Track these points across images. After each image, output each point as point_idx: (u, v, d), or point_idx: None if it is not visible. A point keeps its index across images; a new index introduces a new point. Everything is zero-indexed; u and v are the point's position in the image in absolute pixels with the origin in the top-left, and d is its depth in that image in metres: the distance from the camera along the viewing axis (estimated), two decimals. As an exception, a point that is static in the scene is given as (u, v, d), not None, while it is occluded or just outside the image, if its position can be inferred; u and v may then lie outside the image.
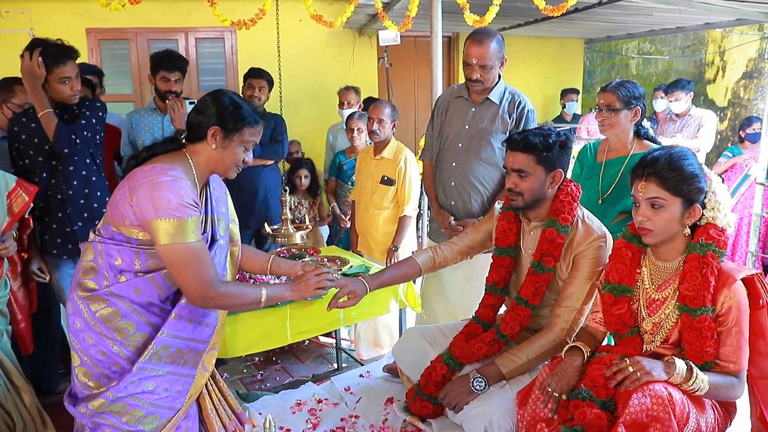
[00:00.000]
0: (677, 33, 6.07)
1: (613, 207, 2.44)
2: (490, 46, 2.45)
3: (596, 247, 1.91)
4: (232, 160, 1.69)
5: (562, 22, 5.29)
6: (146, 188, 1.54)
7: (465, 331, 2.05)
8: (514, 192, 1.95)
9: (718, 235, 1.60)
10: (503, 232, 2.05)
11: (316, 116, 5.49)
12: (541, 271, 1.92)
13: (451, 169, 2.65)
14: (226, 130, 1.66)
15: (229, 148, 1.68)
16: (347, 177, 3.84)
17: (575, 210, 1.94)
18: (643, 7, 4.41)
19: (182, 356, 1.69)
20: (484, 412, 1.76)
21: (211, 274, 1.60)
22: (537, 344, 1.90)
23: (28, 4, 4.83)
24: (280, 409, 2.09)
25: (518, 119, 2.58)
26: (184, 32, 5.24)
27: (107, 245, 1.61)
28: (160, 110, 3.20)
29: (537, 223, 2.01)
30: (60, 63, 2.34)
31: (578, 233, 1.93)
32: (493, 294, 2.07)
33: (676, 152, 1.63)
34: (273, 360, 3.35)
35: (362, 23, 5.40)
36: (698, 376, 1.52)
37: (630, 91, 2.39)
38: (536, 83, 6.83)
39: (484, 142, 2.58)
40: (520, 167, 1.92)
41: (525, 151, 1.91)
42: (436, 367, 1.94)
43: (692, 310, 1.57)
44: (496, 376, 1.86)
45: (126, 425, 1.63)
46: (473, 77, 2.50)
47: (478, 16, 3.49)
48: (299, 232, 2.94)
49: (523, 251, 2.05)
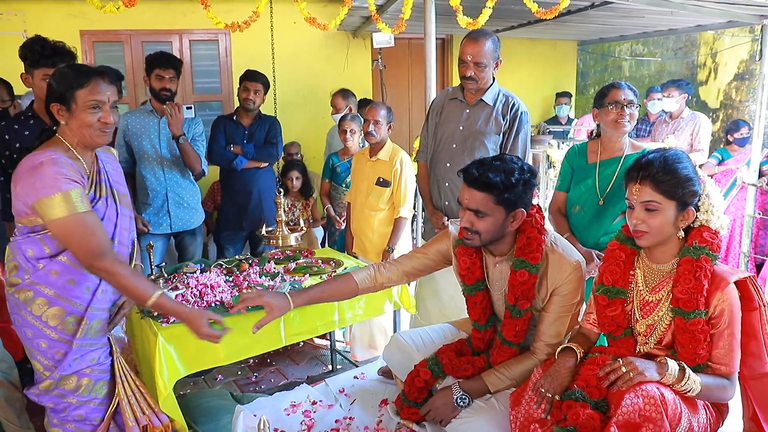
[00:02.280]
0: (669, 35, 6.11)
1: (614, 207, 2.44)
2: (485, 44, 2.47)
3: (576, 278, 1.80)
4: (87, 125, 1.71)
5: (555, 24, 5.32)
6: (26, 174, 1.64)
7: (455, 347, 1.99)
8: (470, 230, 1.78)
9: (711, 238, 1.61)
10: (467, 269, 1.90)
11: (310, 118, 5.50)
12: (518, 315, 1.81)
13: (446, 170, 2.67)
14: (63, 102, 1.70)
15: (77, 116, 1.71)
16: (341, 179, 3.85)
17: (543, 244, 1.79)
18: (635, 9, 4.44)
19: (105, 326, 1.85)
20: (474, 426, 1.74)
21: (98, 244, 1.67)
22: (523, 366, 1.84)
23: (21, 5, 4.81)
24: (274, 410, 2.08)
25: (512, 121, 2.60)
26: (178, 34, 5.23)
27: (19, 242, 1.72)
28: (156, 112, 3.20)
29: (501, 259, 1.87)
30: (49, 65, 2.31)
31: (551, 264, 1.80)
32: (479, 330, 1.96)
33: (671, 155, 1.63)
34: (267, 362, 3.35)
35: (356, 25, 5.40)
36: (690, 377, 1.53)
37: (635, 92, 2.43)
38: (530, 85, 6.85)
39: (478, 143, 2.60)
40: (476, 207, 1.74)
41: (483, 190, 1.73)
42: (420, 372, 1.90)
43: (686, 313, 1.58)
44: (481, 392, 1.82)
45: (80, 396, 1.78)
46: (467, 74, 2.52)
47: (471, 19, 3.50)
48: (294, 234, 2.94)
49: (490, 284, 1.92)
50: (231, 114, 3.70)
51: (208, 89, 5.45)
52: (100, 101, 1.72)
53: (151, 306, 1.75)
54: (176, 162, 3.18)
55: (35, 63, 2.32)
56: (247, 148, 3.54)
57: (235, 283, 2.43)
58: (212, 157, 3.50)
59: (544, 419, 1.61)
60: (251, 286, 2.38)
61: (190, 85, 5.34)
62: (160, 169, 3.16)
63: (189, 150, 3.10)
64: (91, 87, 1.71)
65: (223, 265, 2.67)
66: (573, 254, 1.83)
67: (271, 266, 2.63)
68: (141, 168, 3.13)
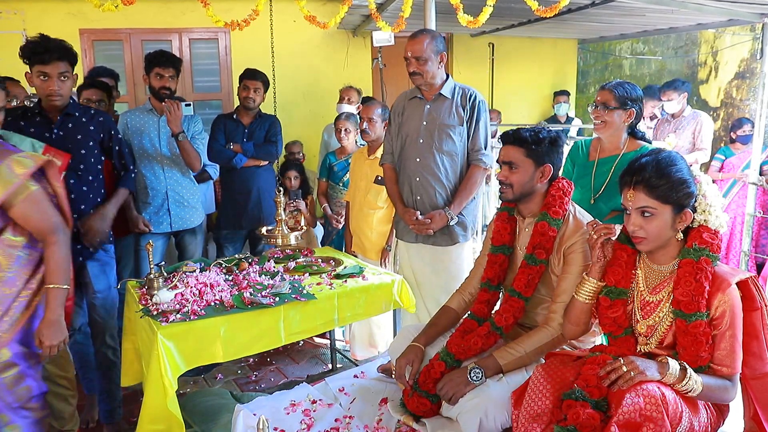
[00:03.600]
0: (670, 33, 6.10)
1: (605, 205, 2.46)
2: (424, 41, 2.61)
3: (586, 239, 1.91)
4: None
5: (555, 23, 5.31)
6: None
7: (461, 328, 2.07)
8: (505, 184, 2.02)
9: (711, 238, 1.60)
10: (498, 231, 2.11)
11: (310, 117, 5.49)
12: (533, 263, 1.95)
13: (416, 165, 2.73)
14: None
15: None
16: (338, 178, 3.85)
17: (566, 204, 1.99)
18: (636, 7, 4.43)
19: None
20: (479, 404, 1.76)
21: None
22: (534, 338, 1.92)
23: (20, 4, 4.80)
24: (273, 409, 2.08)
25: (471, 110, 2.70)
26: (177, 33, 5.23)
27: None
28: (156, 111, 3.19)
29: (531, 219, 2.05)
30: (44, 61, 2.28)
31: (569, 227, 1.97)
32: (488, 290, 2.10)
33: (664, 158, 1.62)
34: (267, 361, 3.35)
35: (356, 24, 5.39)
36: (691, 377, 1.52)
37: (627, 92, 2.41)
38: (530, 84, 6.85)
39: (444, 135, 2.69)
40: (510, 159, 1.99)
41: (515, 144, 2.00)
42: (434, 365, 1.95)
43: (687, 315, 1.57)
44: (494, 368, 1.88)
45: None
46: (411, 70, 2.65)
47: (471, 17, 3.50)
48: (293, 233, 2.94)
49: (518, 248, 2.09)
50: (231, 113, 3.69)
51: (207, 88, 5.45)
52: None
53: None
54: (176, 160, 3.17)
55: (30, 60, 2.30)
56: (247, 147, 3.54)
57: (235, 282, 2.43)
58: (212, 155, 3.49)
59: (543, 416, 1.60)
60: (251, 284, 2.37)
61: (189, 84, 5.33)
62: (160, 167, 3.15)
63: (188, 148, 3.09)
64: None
65: (223, 264, 2.66)
66: (589, 219, 1.98)
67: (271, 265, 2.63)
68: (141, 167, 3.12)
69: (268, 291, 2.30)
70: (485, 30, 5.91)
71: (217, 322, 2.08)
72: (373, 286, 2.49)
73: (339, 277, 2.54)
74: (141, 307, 2.17)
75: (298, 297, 2.27)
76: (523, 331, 2.02)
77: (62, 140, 2.41)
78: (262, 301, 2.18)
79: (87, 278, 2.48)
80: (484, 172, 2.74)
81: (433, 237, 2.72)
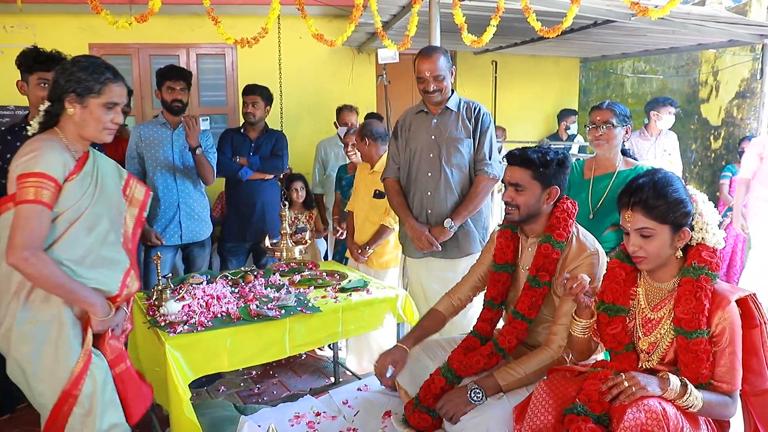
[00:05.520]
0: (671, 53, 6.17)
1: (604, 220, 2.51)
2: (439, 59, 2.64)
3: (588, 264, 1.94)
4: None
5: (557, 42, 5.38)
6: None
7: (463, 345, 2.08)
8: (511, 205, 2.01)
9: (710, 257, 1.63)
10: (501, 249, 2.11)
11: (315, 132, 5.54)
12: (537, 286, 1.95)
13: (428, 179, 2.75)
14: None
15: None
16: (346, 193, 3.89)
17: (570, 226, 1.99)
18: (638, 27, 4.50)
19: None
20: (480, 423, 1.78)
21: None
22: (535, 360, 1.93)
23: (32, 19, 4.89)
24: (278, 421, 2.09)
25: (476, 121, 2.73)
26: (185, 48, 5.31)
27: None
28: (169, 124, 3.24)
29: (534, 240, 2.06)
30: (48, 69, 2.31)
31: (572, 250, 1.98)
32: (491, 309, 2.10)
33: (660, 179, 1.65)
34: (270, 374, 3.36)
35: (361, 41, 5.47)
36: (692, 393, 1.54)
37: (622, 110, 2.53)
38: (532, 102, 6.91)
39: (452, 149, 2.71)
40: (516, 181, 1.98)
41: (522, 165, 1.98)
42: (434, 380, 1.96)
43: (688, 332, 1.59)
44: (494, 388, 1.89)
45: None
46: (430, 89, 2.66)
47: (475, 36, 3.56)
48: (298, 247, 2.97)
49: (520, 267, 2.09)
50: (239, 127, 3.74)
51: (214, 102, 5.51)
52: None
53: None
54: (188, 173, 3.22)
55: (30, 68, 2.32)
56: (253, 160, 3.59)
57: (241, 294, 2.46)
58: (218, 168, 3.54)
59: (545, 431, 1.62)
60: (257, 297, 2.40)
61: (196, 98, 5.40)
62: (172, 180, 3.20)
63: (204, 161, 3.15)
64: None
65: (229, 276, 2.69)
66: (594, 244, 2.01)
67: (277, 278, 2.66)
68: (153, 179, 3.16)
69: (274, 303, 2.33)
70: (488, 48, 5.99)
71: (224, 334, 2.11)
72: (377, 300, 2.52)
73: (344, 290, 2.56)
74: (148, 318, 2.20)
75: (304, 309, 2.29)
76: (525, 348, 2.04)
77: None
78: (268, 313, 2.21)
79: None
80: (491, 182, 2.73)
81: (443, 250, 2.72)
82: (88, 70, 1.72)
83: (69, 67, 1.73)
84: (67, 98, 1.71)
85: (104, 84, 1.73)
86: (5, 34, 4.87)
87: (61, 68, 1.74)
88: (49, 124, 1.76)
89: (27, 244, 1.58)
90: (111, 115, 1.77)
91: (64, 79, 1.71)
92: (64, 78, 1.72)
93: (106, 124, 1.77)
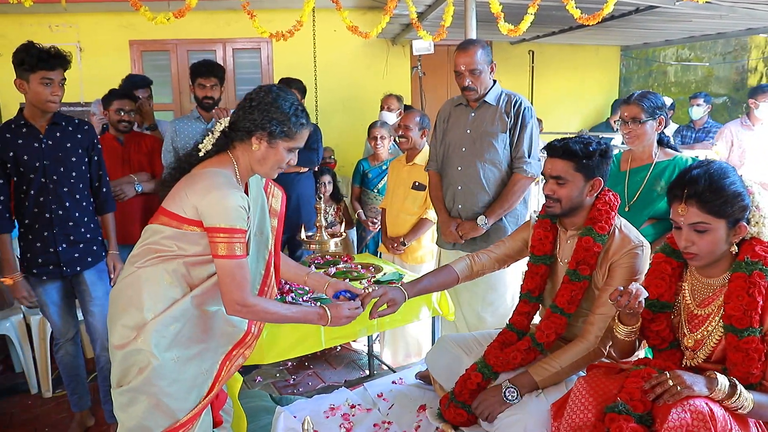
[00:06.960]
0: (718, 39, 5.93)
1: (641, 213, 2.43)
2: (476, 53, 2.57)
3: (632, 255, 1.87)
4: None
5: (597, 30, 5.23)
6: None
7: (499, 339, 2.04)
8: (552, 199, 1.93)
9: (764, 252, 1.55)
10: (539, 240, 2.04)
11: (349, 124, 5.56)
12: (577, 279, 1.90)
13: (458, 174, 2.72)
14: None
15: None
16: (372, 185, 3.90)
17: (612, 219, 1.92)
18: (682, 13, 4.33)
19: None
20: (518, 421, 1.75)
21: None
22: (570, 353, 1.88)
23: (75, 18, 5.04)
24: (313, 413, 2.11)
25: (515, 116, 2.65)
26: (221, 43, 5.38)
27: None
28: (203, 119, 3.29)
29: (573, 232, 1.99)
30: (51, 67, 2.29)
31: (615, 242, 1.90)
32: (528, 302, 2.06)
33: (716, 171, 1.56)
34: (305, 365, 3.39)
35: (395, 33, 5.44)
36: (742, 394, 1.47)
37: (653, 101, 2.40)
38: (570, 92, 6.76)
39: (486, 144, 2.66)
40: (558, 174, 1.90)
41: (564, 157, 1.89)
42: (470, 375, 1.94)
43: (739, 330, 1.52)
44: (529, 385, 1.85)
45: None
46: (465, 84, 2.60)
47: (512, 25, 3.49)
48: (333, 239, 2.98)
49: (559, 260, 2.04)
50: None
51: (249, 96, 5.58)
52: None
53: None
54: None
55: (33, 66, 2.27)
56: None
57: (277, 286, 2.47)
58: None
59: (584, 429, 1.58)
60: (293, 289, 2.42)
61: (232, 93, 5.48)
62: None
63: None
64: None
65: (265, 268, 2.72)
66: (638, 237, 1.92)
67: (312, 271, 2.67)
68: None
69: (310, 296, 2.34)
70: (525, 38, 5.87)
71: (261, 326, 2.13)
72: (412, 293, 2.50)
73: (379, 283, 2.56)
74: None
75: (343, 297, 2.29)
76: (561, 342, 1.99)
77: (52, 150, 2.38)
78: (303, 305, 2.22)
79: (84, 285, 2.50)
80: (529, 181, 2.66)
81: (472, 245, 2.70)
82: (289, 112, 1.63)
83: (269, 102, 1.63)
84: (257, 134, 1.62)
85: (299, 130, 1.66)
86: (51, 34, 5.04)
87: (258, 101, 1.63)
88: (223, 149, 1.69)
89: (236, 299, 1.60)
90: (291, 156, 1.69)
91: (261, 115, 1.61)
92: (261, 114, 1.61)
93: (282, 165, 1.69)
